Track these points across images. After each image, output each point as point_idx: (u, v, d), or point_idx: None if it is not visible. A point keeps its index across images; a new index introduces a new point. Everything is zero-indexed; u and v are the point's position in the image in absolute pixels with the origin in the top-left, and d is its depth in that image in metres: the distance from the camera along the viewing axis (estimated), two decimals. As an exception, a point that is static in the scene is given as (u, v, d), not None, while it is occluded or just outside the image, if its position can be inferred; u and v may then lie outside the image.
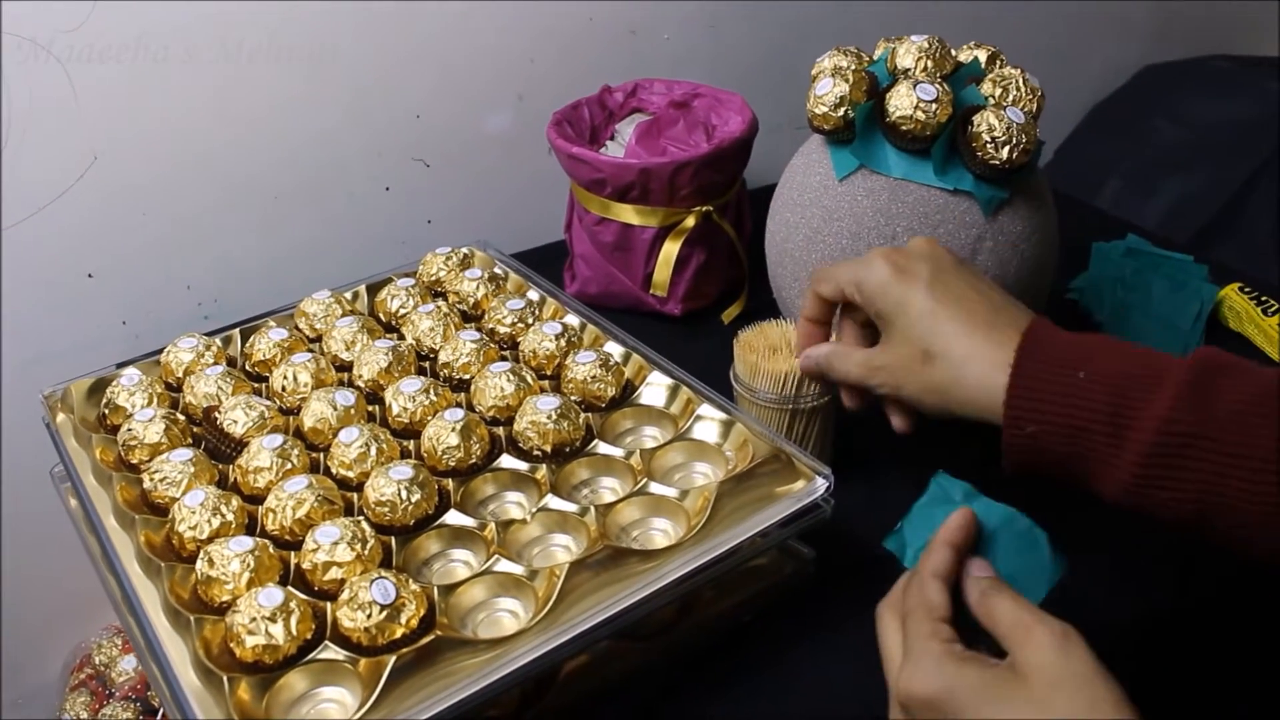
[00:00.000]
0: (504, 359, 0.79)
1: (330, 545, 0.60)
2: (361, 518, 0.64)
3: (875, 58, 0.80)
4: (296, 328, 0.86)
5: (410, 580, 0.59)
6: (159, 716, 1.01)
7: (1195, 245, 1.14)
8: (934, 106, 0.71)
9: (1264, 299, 0.93)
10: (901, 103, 0.72)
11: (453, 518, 0.66)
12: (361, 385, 0.77)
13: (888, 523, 0.76)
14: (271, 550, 0.62)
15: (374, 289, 0.90)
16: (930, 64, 0.76)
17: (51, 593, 1.06)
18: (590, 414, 0.73)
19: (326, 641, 0.57)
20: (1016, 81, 0.75)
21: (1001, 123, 0.71)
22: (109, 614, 1.10)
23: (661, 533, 0.66)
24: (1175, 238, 1.14)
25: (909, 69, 0.76)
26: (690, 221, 0.94)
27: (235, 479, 0.69)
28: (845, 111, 0.74)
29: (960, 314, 0.59)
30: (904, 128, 0.72)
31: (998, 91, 0.75)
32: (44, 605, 1.07)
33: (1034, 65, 0.79)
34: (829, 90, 0.74)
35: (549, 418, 0.70)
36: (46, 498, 0.78)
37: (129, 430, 0.72)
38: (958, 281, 0.60)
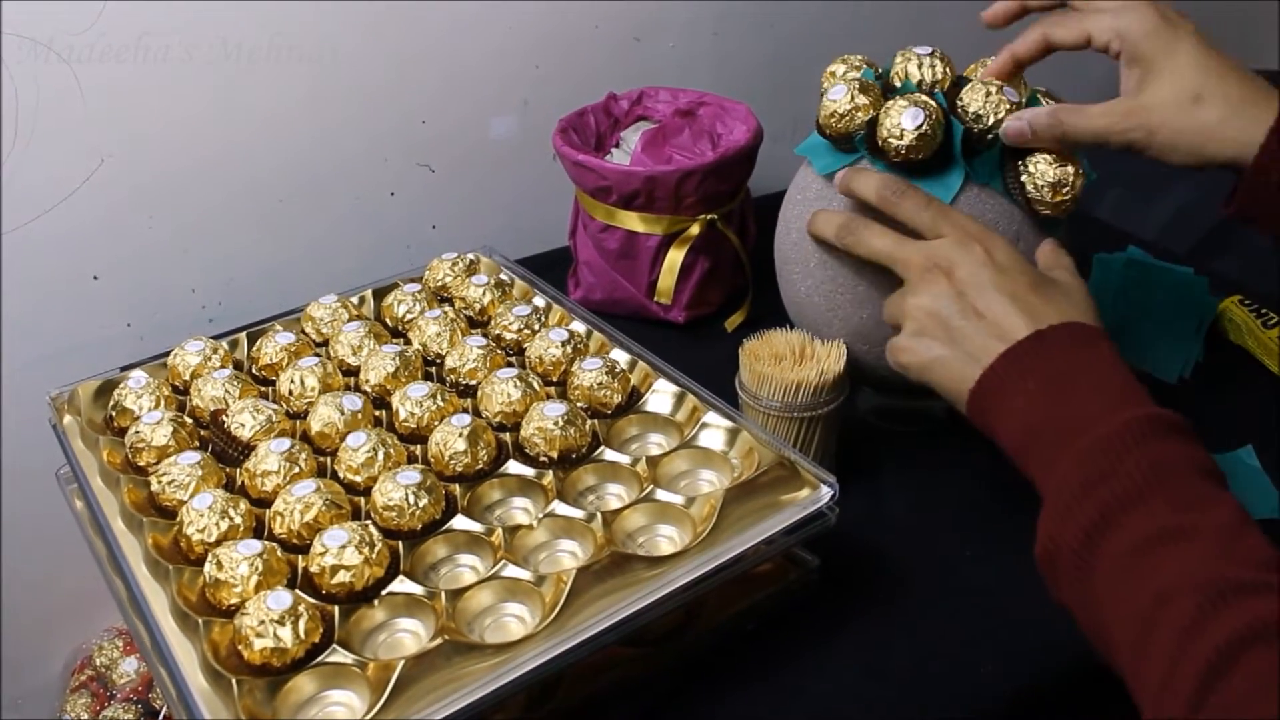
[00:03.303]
0: (510, 365, 0.79)
1: (338, 549, 0.61)
2: (369, 522, 0.64)
3: (887, 67, 0.79)
4: (303, 332, 0.86)
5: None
6: (161, 718, 1.01)
7: (1195, 257, 1.14)
8: (916, 133, 0.71)
9: (1264, 312, 0.94)
10: (890, 126, 0.71)
11: (460, 523, 0.66)
12: (369, 390, 0.78)
13: (892, 530, 0.76)
14: (279, 553, 0.62)
15: (380, 294, 0.91)
16: (938, 72, 0.75)
17: (53, 594, 1.06)
18: (596, 420, 0.74)
19: (334, 645, 0.58)
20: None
21: (1054, 170, 0.71)
22: (110, 615, 1.10)
23: (667, 539, 0.67)
24: (1175, 249, 1.15)
25: (921, 80, 0.75)
26: (695, 229, 0.94)
27: (243, 482, 0.70)
28: (855, 118, 0.74)
29: (1228, 63, 0.62)
30: (893, 154, 0.72)
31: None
32: (45, 606, 1.07)
33: (1034, 75, 0.79)
34: (842, 97, 0.74)
35: (555, 424, 0.70)
36: (47, 498, 0.78)
37: (136, 432, 0.72)
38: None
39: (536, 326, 0.84)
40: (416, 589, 0.61)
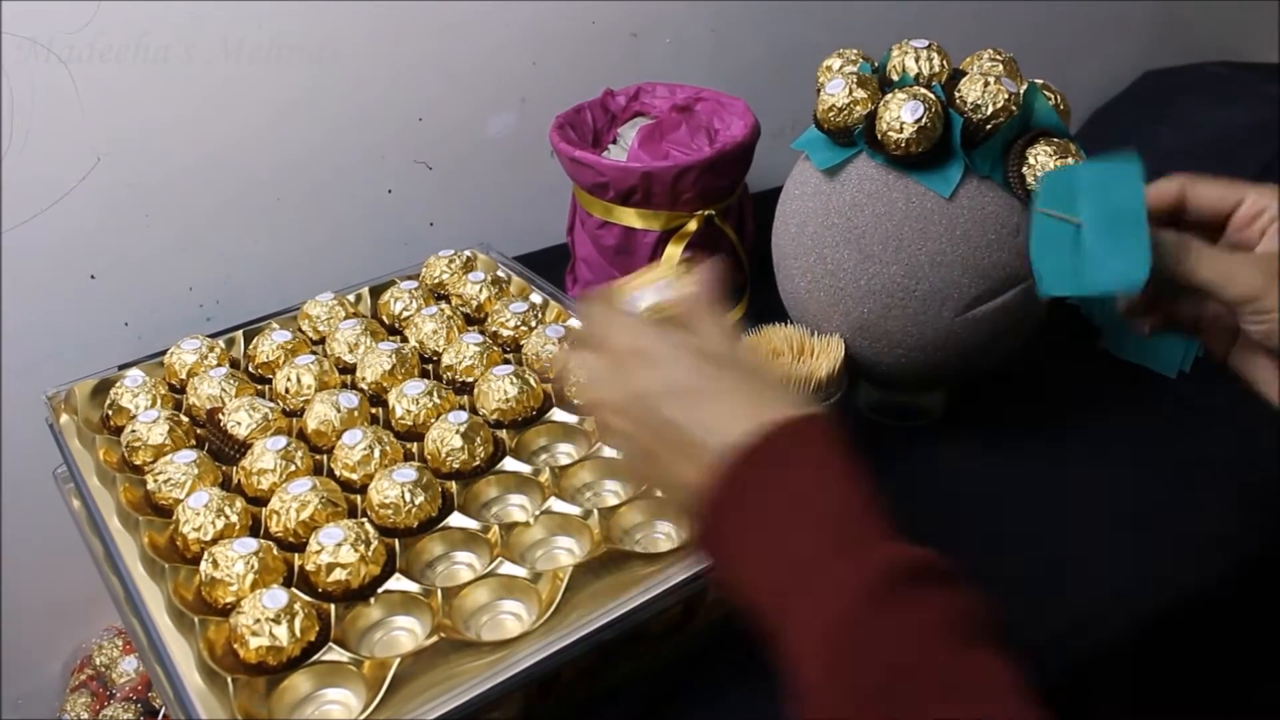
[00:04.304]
0: (507, 362, 0.79)
1: (334, 547, 0.60)
2: (365, 520, 0.64)
3: (883, 61, 0.79)
4: (300, 330, 0.86)
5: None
6: (160, 717, 1.01)
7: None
8: (915, 126, 0.71)
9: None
10: (890, 119, 0.72)
11: (456, 520, 0.66)
12: (365, 387, 0.77)
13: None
14: (275, 552, 0.62)
15: (377, 291, 0.91)
16: (935, 65, 0.75)
17: (52, 593, 1.06)
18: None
19: (330, 643, 0.57)
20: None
21: (1055, 161, 0.71)
22: (110, 615, 1.10)
23: (664, 536, 0.66)
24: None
25: (919, 73, 0.75)
26: (692, 225, 0.94)
27: (239, 481, 0.69)
28: (853, 111, 0.74)
29: None
30: (893, 147, 0.72)
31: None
32: (45, 606, 1.07)
33: (1033, 71, 0.79)
34: (840, 90, 0.74)
35: (552, 421, 0.70)
36: (48, 498, 0.78)
37: (133, 431, 0.72)
38: None
39: (533, 323, 0.84)
40: (413, 587, 0.61)
